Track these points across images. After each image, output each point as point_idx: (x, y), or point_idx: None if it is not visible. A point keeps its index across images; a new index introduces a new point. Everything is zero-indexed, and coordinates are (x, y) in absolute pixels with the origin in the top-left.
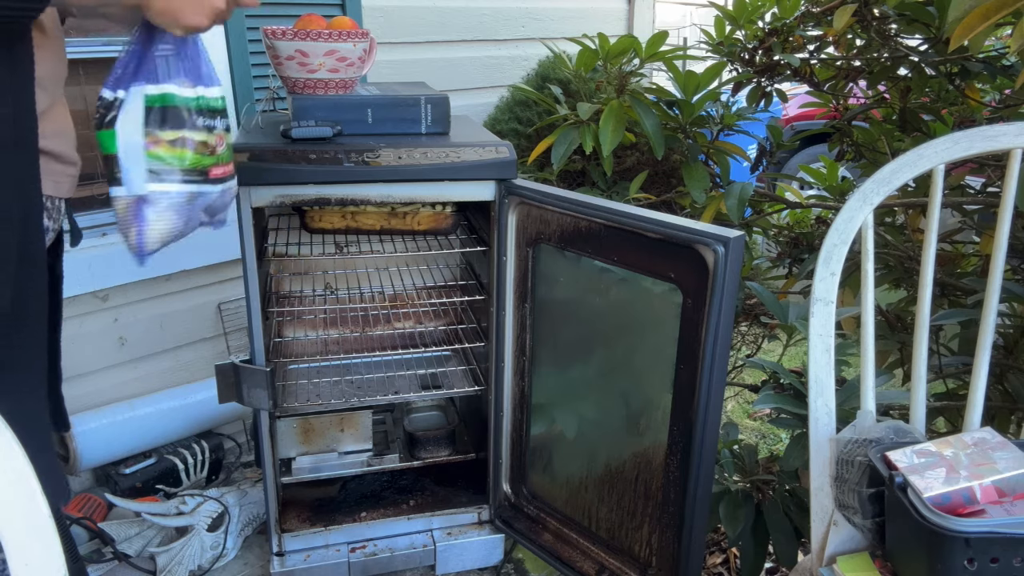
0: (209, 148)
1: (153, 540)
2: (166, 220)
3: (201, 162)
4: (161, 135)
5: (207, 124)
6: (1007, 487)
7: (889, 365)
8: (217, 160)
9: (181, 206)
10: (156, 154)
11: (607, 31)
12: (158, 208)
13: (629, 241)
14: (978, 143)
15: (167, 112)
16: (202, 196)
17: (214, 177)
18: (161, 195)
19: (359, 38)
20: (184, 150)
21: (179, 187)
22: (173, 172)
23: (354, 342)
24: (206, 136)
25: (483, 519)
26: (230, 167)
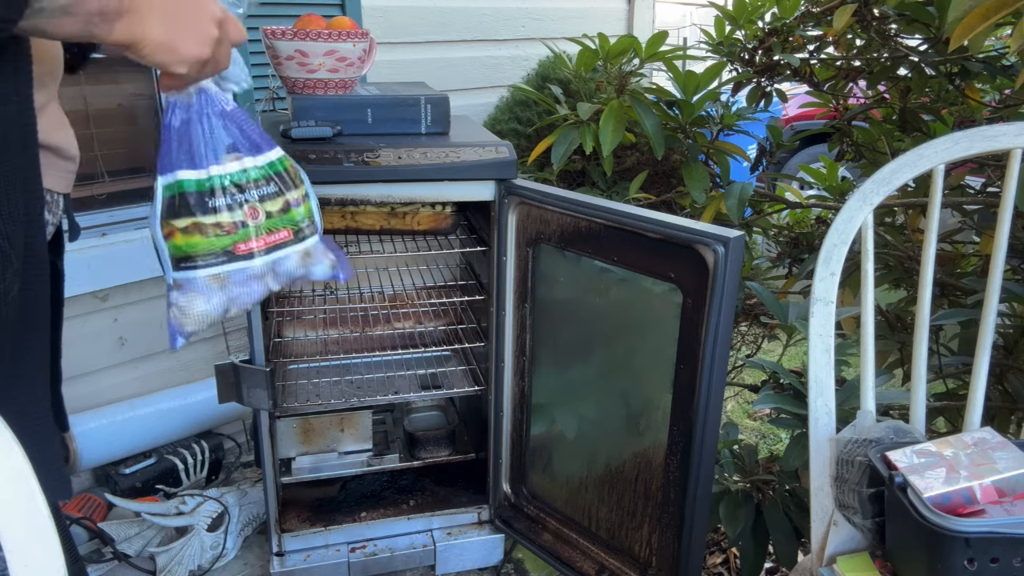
0: (226, 228)
1: (153, 540)
2: (194, 303)
3: (216, 244)
4: (175, 224)
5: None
6: (1007, 487)
7: (889, 365)
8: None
9: (210, 287)
10: (173, 243)
11: (607, 31)
12: (186, 293)
13: (629, 241)
14: (978, 143)
15: (177, 199)
16: (237, 273)
17: (243, 252)
18: (185, 280)
19: (359, 38)
20: (195, 236)
21: (199, 272)
22: (189, 259)
23: (354, 342)
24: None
25: (483, 519)
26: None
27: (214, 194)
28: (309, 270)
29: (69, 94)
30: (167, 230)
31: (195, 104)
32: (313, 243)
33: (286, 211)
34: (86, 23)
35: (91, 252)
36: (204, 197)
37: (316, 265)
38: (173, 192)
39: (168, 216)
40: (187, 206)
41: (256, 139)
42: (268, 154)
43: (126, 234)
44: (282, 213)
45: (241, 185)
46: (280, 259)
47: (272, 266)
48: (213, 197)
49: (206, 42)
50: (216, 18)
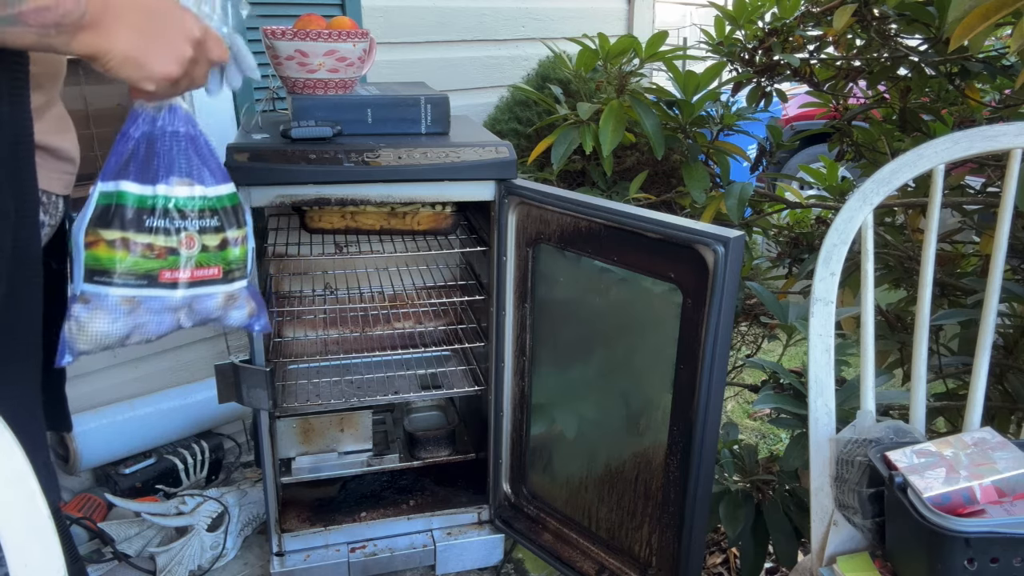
0: (157, 251)
1: (153, 540)
2: (98, 320)
3: (142, 266)
4: (102, 234)
5: (165, 224)
6: (1007, 487)
7: (889, 365)
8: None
9: (118, 308)
10: (93, 253)
11: (607, 31)
12: (90, 306)
13: (629, 241)
14: (978, 143)
15: (113, 210)
16: (151, 300)
17: (167, 281)
18: (94, 294)
19: (359, 38)
20: (121, 252)
21: (112, 290)
22: (106, 273)
23: (354, 342)
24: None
25: (483, 519)
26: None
27: (154, 214)
28: (227, 314)
29: (69, 94)
30: (91, 238)
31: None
32: (239, 287)
33: (223, 248)
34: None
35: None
36: (143, 214)
37: (236, 310)
38: (110, 201)
39: (98, 224)
40: (121, 219)
41: (213, 169)
42: (220, 187)
43: None
44: (218, 250)
45: (184, 212)
46: (201, 296)
47: (191, 302)
48: (152, 217)
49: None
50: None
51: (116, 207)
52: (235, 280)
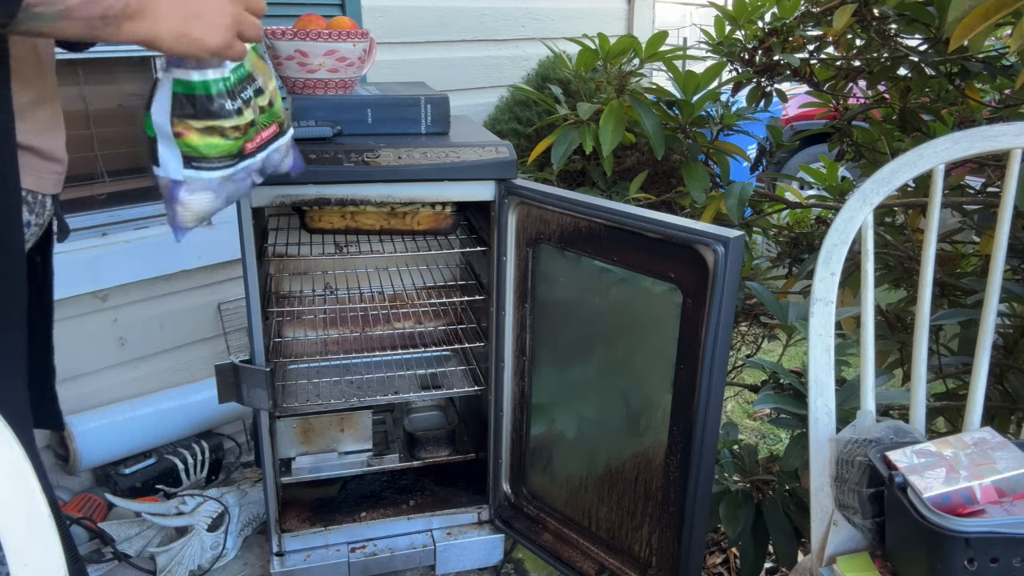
0: (242, 129)
1: (153, 540)
2: (201, 200)
3: (235, 146)
4: (192, 124)
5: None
6: (1007, 487)
7: (889, 365)
8: (252, 135)
9: (219, 185)
10: (188, 142)
11: (607, 31)
12: (192, 189)
13: (629, 241)
14: (978, 143)
15: (196, 100)
16: (242, 170)
17: (250, 151)
18: (195, 179)
19: (359, 38)
20: (215, 138)
21: (212, 173)
22: (207, 160)
23: (354, 342)
24: (239, 119)
25: (483, 519)
26: (271, 129)
27: (228, 95)
28: (283, 162)
29: (69, 94)
30: (180, 128)
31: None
32: (290, 135)
33: (272, 105)
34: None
35: (91, 252)
36: (222, 99)
37: (288, 157)
38: (188, 91)
39: (182, 115)
40: (206, 107)
41: None
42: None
43: (126, 234)
44: (270, 107)
45: (242, 83)
46: (271, 153)
47: (265, 159)
48: (229, 99)
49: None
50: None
51: (196, 97)
52: (287, 131)
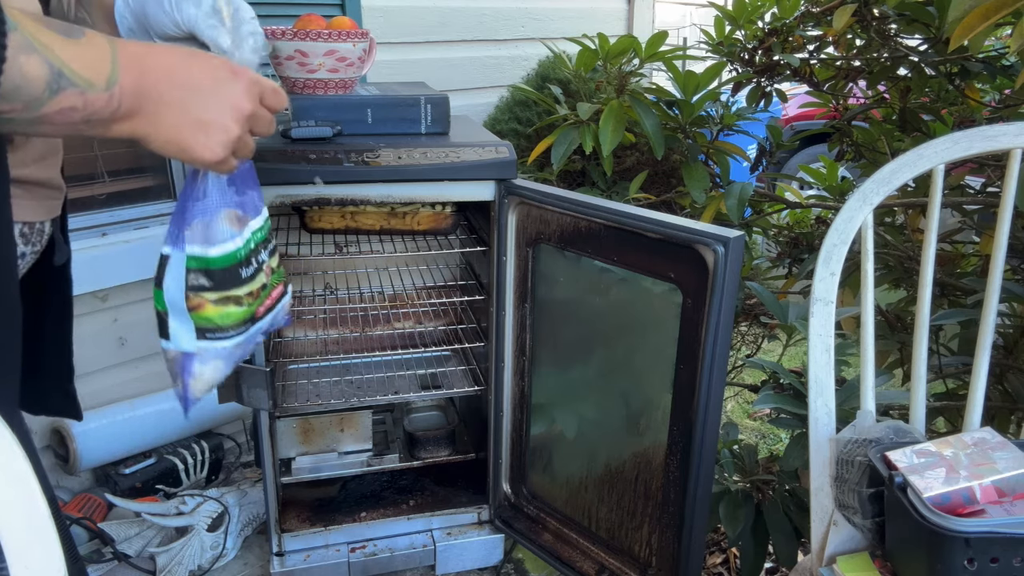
0: (255, 294)
1: (153, 540)
2: (213, 369)
3: (248, 312)
4: (206, 296)
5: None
6: (1007, 487)
7: (889, 365)
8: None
9: (231, 353)
10: (203, 315)
11: (607, 31)
12: (205, 360)
13: (629, 241)
14: (978, 143)
15: (213, 274)
16: (253, 334)
17: (261, 315)
18: (209, 350)
19: (359, 38)
20: (231, 307)
21: (227, 342)
22: (221, 330)
23: (354, 342)
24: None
25: (483, 519)
26: (278, 289)
27: (245, 263)
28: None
29: None
30: (195, 302)
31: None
32: (289, 295)
33: (279, 265)
34: (69, 129)
35: (91, 252)
36: (239, 268)
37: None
38: (204, 266)
39: (197, 289)
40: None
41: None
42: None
43: (126, 234)
44: (278, 268)
45: (258, 247)
46: (278, 312)
47: (272, 320)
48: (245, 267)
49: (222, 144)
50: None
51: (213, 271)
52: (289, 288)
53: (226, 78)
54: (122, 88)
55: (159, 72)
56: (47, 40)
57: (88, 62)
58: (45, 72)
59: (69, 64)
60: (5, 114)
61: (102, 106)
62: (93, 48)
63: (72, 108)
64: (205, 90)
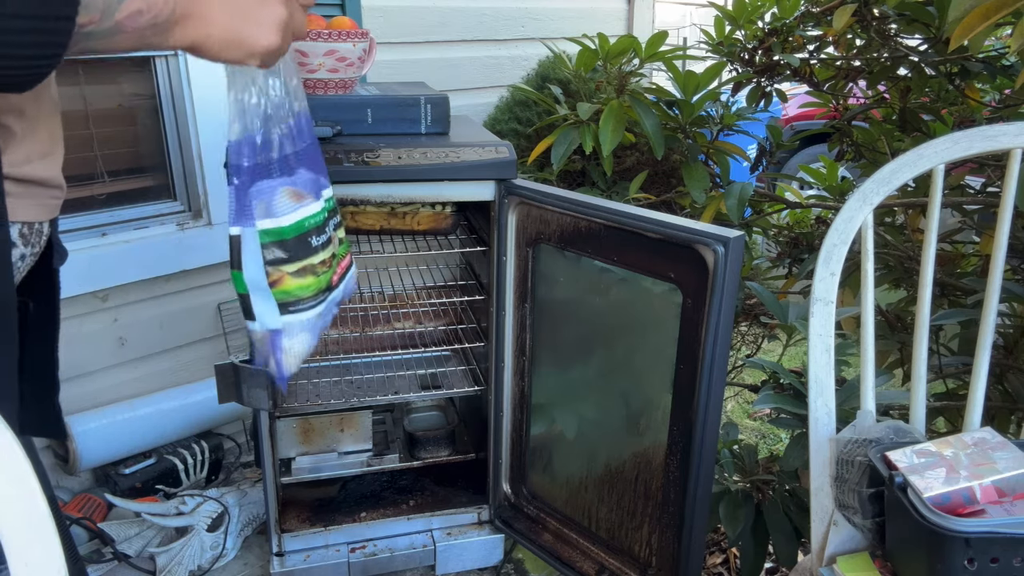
0: (327, 263)
1: (153, 540)
2: (301, 341)
3: (324, 281)
4: (284, 269)
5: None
6: (1007, 487)
7: (889, 365)
8: (335, 266)
9: (314, 324)
10: (283, 289)
11: (607, 31)
12: (292, 334)
13: (629, 241)
14: (978, 143)
15: (286, 244)
16: (330, 303)
17: (335, 283)
18: (294, 323)
19: (359, 38)
20: (308, 278)
21: (309, 313)
22: (302, 301)
23: (354, 342)
24: (325, 253)
25: (483, 519)
26: (347, 259)
27: (315, 232)
28: (353, 287)
29: (69, 94)
30: (274, 276)
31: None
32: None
33: (345, 236)
34: (139, 38)
35: (91, 252)
36: (309, 236)
37: (354, 279)
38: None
39: (274, 263)
40: (295, 250)
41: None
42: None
43: (126, 234)
44: (345, 238)
45: (328, 217)
46: (348, 280)
47: (345, 289)
48: (315, 235)
49: (277, 27)
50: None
51: (285, 241)
52: (353, 261)
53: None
54: None
55: None
56: None
57: None
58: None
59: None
60: (86, 27)
61: (161, 7)
62: None
63: (139, 12)
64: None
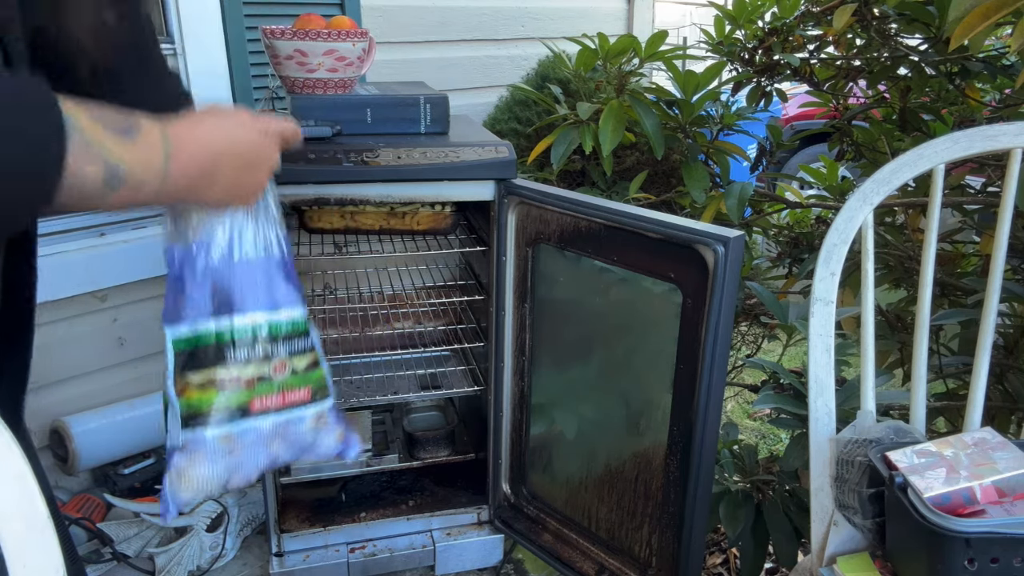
0: (245, 382)
1: (152, 540)
2: (196, 465)
3: (235, 400)
4: (190, 378)
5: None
6: (1007, 487)
7: (889, 365)
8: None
9: (215, 448)
10: (186, 401)
11: (607, 31)
12: (188, 451)
13: (629, 241)
14: (978, 143)
15: (198, 353)
16: (246, 434)
17: (258, 411)
18: (192, 440)
19: (358, 38)
20: (211, 391)
21: (207, 430)
22: (201, 416)
23: (353, 342)
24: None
25: (483, 519)
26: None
27: (235, 345)
28: (318, 439)
29: None
30: (180, 386)
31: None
32: (327, 406)
33: (313, 368)
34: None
35: (89, 252)
36: (224, 349)
37: (326, 435)
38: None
39: (183, 370)
40: (204, 359)
41: (296, 289)
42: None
43: (124, 234)
44: (308, 371)
45: (284, 336)
46: (293, 420)
47: (283, 429)
48: (235, 348)
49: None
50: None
51: (197, 350)
52: (321, 400)
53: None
54: (172, 177)
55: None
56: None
57: (142, 160)
58: (102, 174)
59: (126, 165)
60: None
61: (152, 193)
62: (147, 146)
63: (125, 200)
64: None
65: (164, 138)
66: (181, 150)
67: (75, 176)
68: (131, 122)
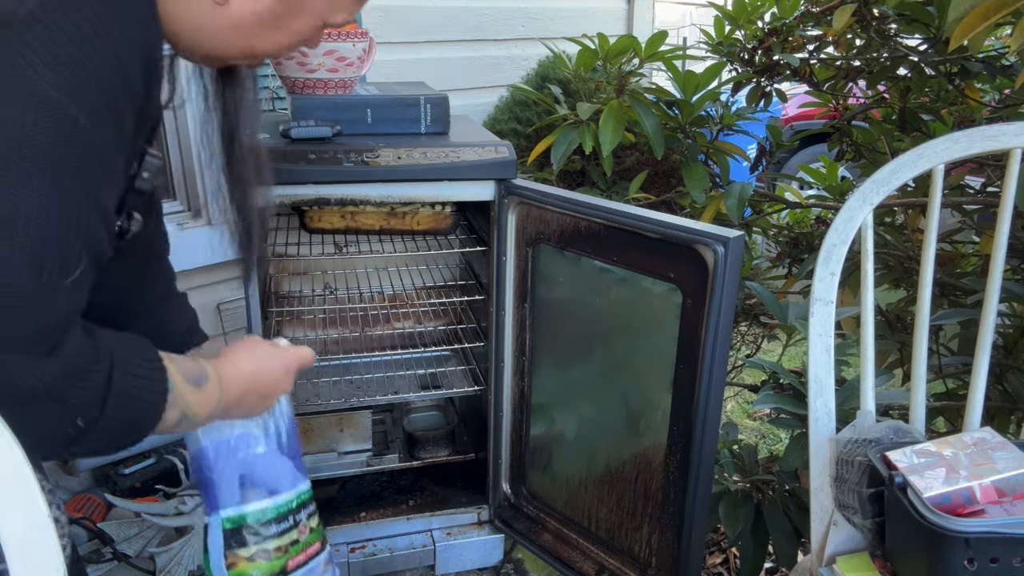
0: (283, 549)
1: (152, 540)
2: None
3: (276, 565)
4: (239, 554)
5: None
6: (1007, 487)
7: (889, 365)
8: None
9: None
10: (237, 571)
11: (606, 31)
12: None
13: (629, 241)
14: (978, 143)
15: (244, 531)
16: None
17: (292, 567)
18: None
19: (358, 38)
20: (259, 561)
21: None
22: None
23: (353, 342)
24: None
25: (483, 519)
26: (314, 546)
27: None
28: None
29: None
30: (230, 560)
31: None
32: (328, 552)
33: (319, 524)
34: None
35: None
36: (268, 524)
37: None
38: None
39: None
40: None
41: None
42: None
43: None
44: (317, 526)
45: (303, 504)
46: (312, 568)
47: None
48: (275, 523)
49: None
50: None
51: (244, 527)
52: (326, 547)
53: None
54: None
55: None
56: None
57: (205, 404)
58: (177, 417)
59: (193, 409)
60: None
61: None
62: (209, 394)
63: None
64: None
65: (220, 385)
66: (228, 392)
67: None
68: (200, 371)
